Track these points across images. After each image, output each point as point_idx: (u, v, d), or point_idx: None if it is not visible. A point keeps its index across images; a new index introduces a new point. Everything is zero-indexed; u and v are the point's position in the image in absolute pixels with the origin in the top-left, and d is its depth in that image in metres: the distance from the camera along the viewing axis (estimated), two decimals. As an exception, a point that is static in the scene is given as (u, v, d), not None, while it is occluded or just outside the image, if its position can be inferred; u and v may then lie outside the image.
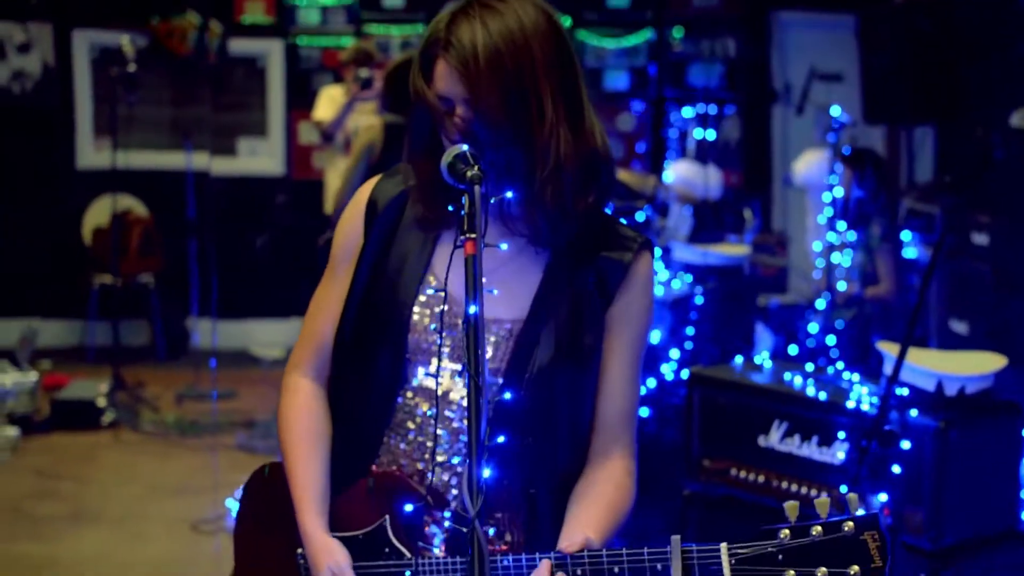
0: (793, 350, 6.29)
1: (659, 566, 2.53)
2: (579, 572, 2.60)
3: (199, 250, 10.97)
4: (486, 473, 2.42)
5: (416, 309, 2.82)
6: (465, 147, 2.58)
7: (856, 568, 2.41)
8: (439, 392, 2.82)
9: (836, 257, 7.32)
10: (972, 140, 9.68)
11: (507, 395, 2.77)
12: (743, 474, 5.04)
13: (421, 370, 2.83)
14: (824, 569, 2.42)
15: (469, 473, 2.33)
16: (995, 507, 4.89)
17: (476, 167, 2.52)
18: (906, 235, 8.27)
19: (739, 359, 5.40)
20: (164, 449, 8.61)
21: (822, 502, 2.45)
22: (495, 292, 2.62)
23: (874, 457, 4.33)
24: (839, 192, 7.42)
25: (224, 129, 11.78)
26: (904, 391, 4.78)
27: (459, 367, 2.81)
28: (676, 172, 9.09)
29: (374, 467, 2.84)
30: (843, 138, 7.58)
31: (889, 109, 9.95)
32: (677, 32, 11.94)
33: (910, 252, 8.10)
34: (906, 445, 4.56)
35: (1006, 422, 4.95)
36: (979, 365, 4.89)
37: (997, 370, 4.90)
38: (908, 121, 10.34)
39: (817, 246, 7.67)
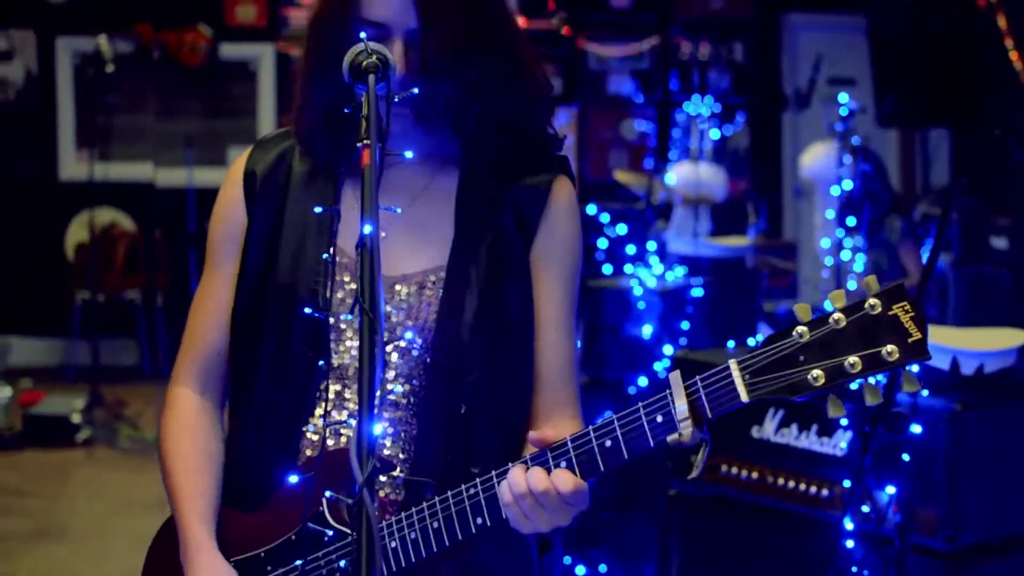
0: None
1: (659, 417, 2.18)
2: (563, 463, 2.25)
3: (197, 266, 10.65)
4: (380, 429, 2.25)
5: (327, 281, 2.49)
6: (364, 35, 2.25)
7: (892, 346, 2.05)
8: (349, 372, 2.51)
9: (846, 255, 6.97)
10: (989, 142, 9.45)
11: (431, 358, 2.46)
12: (735, 470, 4.61)
13: (338, 347, 2.50)
14: (854, 357, 2.05)
15: (359, 430, 1.93)
16: (1019, 502, 4.45)
17: (374, 56, 2.19)
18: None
19: (731, 343, 4.97)
20: (140, 465, 8.30)
21: (836, 294, 2.09)
22: (398, 210, 2.26)
23: (880, 445, 3.93)
24: (848, 184, 7.07)
25: (214, 138, 11.44)
26: (915, 369, 4.31)
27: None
28: (678, 174, 8.76)
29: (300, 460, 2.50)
30: (852, 127, 7.21)
31: (902, 112, 9.72)
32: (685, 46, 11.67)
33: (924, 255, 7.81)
34: (917, 430, 4.12)
35: None
36: (999, 340, 4.49)
37: (1020, 346, 4.47)
38: (923, 124, 10.09)
39: (826, 243, 7.32)
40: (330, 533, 2.41)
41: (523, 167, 2.54)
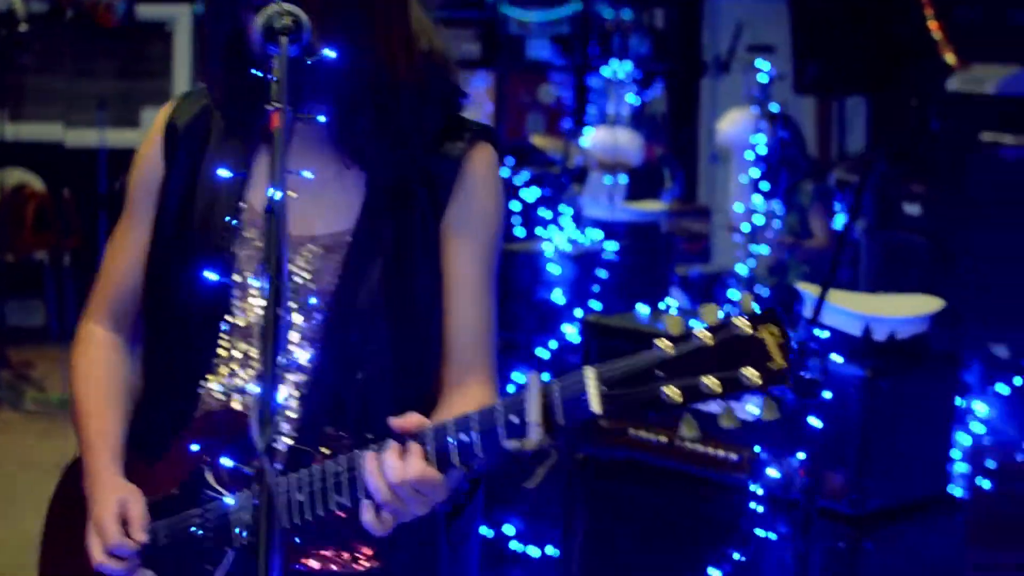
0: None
1: (514, 418, 2.12)
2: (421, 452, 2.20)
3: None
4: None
5: (235, 240, 2.49)
6: None
7: (751, 370, 2.00)
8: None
9: (760, 220, 6.98)
10: (906, 110, 9.49)
11: (330, 322, 2.44)
12: (644, 434, 4.60)
13: (242, 305, 2.49)
14: (713, 378, 2.01)
15: (260, 397, 1.92)
16: (925, 468, 4.53)
17: (288, 17, 2.14)
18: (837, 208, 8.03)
19: (643, 308, 4.93)
20: (45, 428, 8.23)
21: (708, 308, 2.04)
22: (307, 174, 2.18)
23: (791, 411, 3.93)
24: (764, 150, 7.06)
25: (128, 98, 11.30)
26: (826, 334, 4.36)
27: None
28: (595, 138, 8.73)
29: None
30: (771, 94, 7.19)
31: (823, 79, 9.75)
32: (607, 12, 11.57)
33: (839, 220, 7.83)
34: (828, 395, 4.15)
35: (942, 372, 4.60)
36: (912, 307, 4.52)
37: (933, 313, 4.49)
38: (842, 92, 10.10)
39: (740, 207, 7.32)
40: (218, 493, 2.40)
41: (438, 135, 2.50)
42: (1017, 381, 6.85)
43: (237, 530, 2.36)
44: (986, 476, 6.12)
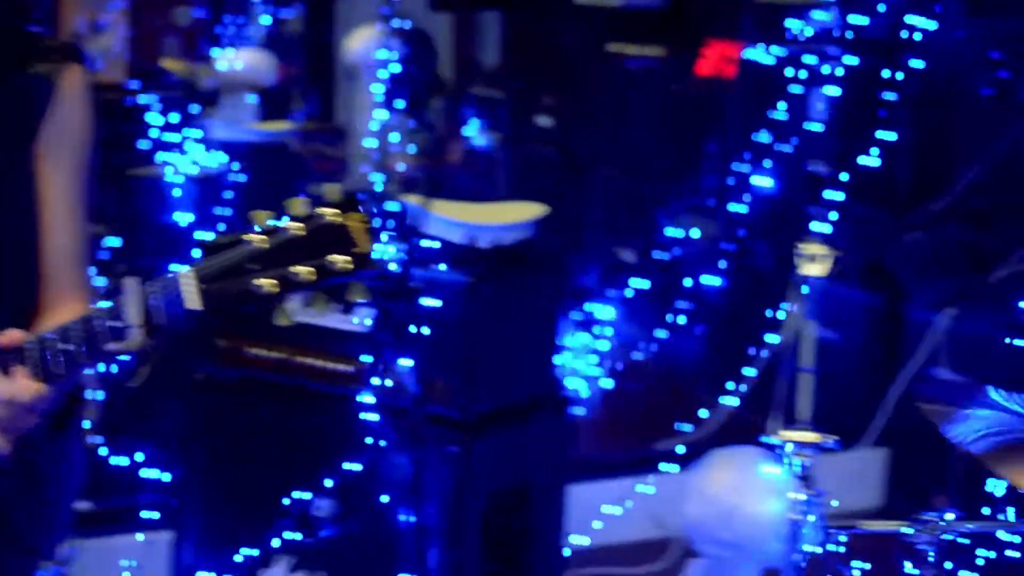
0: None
1: (114, 322, 2.19)
2: (25, 365, 2.26)
3: None
4: None
5: None
6: None
7: (340, 256, 2.09)
8: None
9: (393, 137, 7.03)
10: (536, 24, 9.65)
11: None
12: (260, 352, 4.61)
13: None
14: (304, 267, 2.10)
15: None
16: (533, 371, 4.65)
17: None
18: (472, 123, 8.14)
19: (259, 228, 4.94)
20: None
21: (294, 201, 2.13)
22: None
23: (401, 319, 4.01)
24: (395, 68, 7.10)
25: None
26: (436, 246, 4.47)
27: None
28: (226, 60, 8.66)
29: None
30: (399, 11, 7.22)
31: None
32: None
33: (475, 138, 7.94)
34: (434, 303, 4.25)
35: (545, 276, 4.73)
36: (515, 214, 4.62)
37: (535, 218, 4.63)
38: (472, 6, 10.21)
39: (369, 125, 7.37)
40: None
41: (29, 57, 2.49)
42: (643, 284, 7.10)
43: None
44: (606, 376, 6.34)
